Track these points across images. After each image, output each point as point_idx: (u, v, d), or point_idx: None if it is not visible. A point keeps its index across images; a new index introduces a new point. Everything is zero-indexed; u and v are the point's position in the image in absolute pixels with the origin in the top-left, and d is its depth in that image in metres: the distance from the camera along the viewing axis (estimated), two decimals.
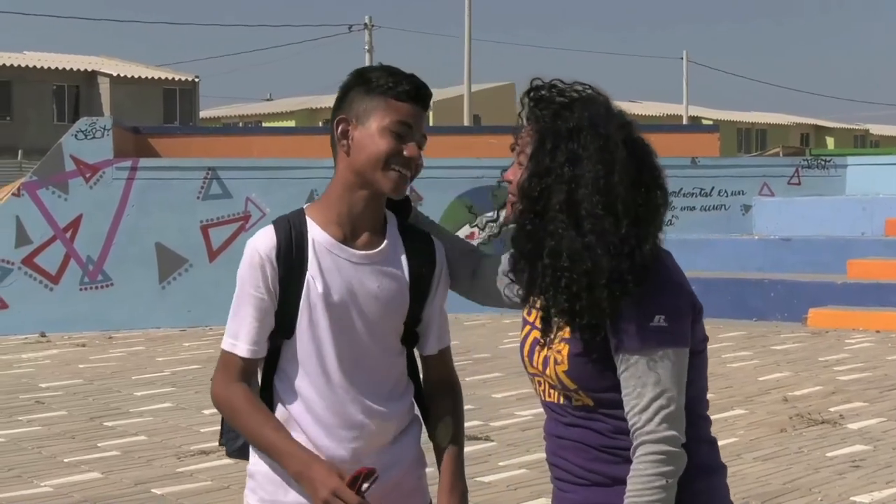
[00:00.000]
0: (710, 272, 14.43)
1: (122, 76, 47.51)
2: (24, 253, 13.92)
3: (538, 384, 2.69)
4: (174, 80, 49.48)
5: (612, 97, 2.63)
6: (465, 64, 35.26)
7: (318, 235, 2.70)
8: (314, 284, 2.67)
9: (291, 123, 52.90)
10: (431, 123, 51.06)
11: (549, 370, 2.61)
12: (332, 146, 2.73)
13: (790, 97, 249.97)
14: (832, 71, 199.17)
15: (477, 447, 7.58)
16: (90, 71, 47.85)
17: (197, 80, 50.19)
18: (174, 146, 16.12)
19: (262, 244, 2.68)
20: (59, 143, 14.40)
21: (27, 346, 12.90)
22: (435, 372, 2.87)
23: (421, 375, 2.89)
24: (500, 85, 57.60)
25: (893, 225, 15.89)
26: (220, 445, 2.90)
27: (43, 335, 13.54)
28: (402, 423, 2.79)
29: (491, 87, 55.87)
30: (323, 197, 2.75)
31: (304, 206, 2.78)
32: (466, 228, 14.72)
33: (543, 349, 2.63)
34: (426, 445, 2.85)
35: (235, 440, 2.79)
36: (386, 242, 2.74)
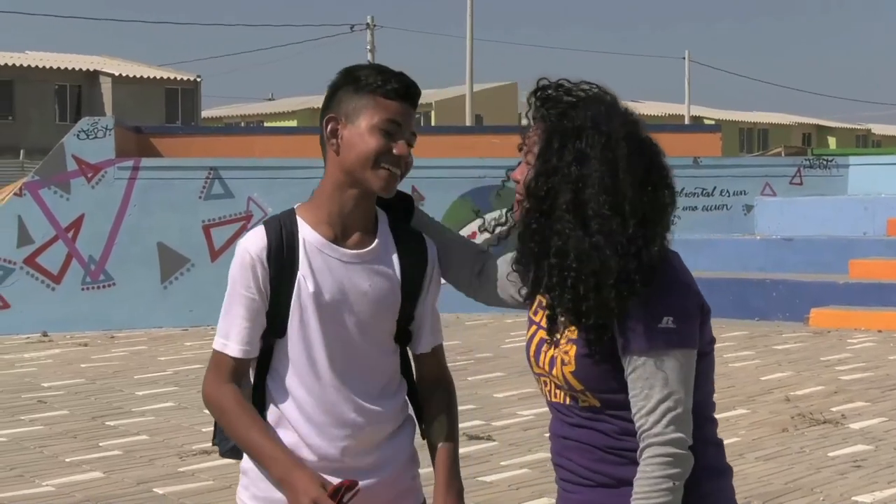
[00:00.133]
0: (712, 272, 14.42)
1: (123, 76, 47.53)
2: (25, 253, 13.92)
3: (544, 384, 2.68)
4: (176, 79, 49.49)
5: (619, 96, 2.62)
6: (466, 63, 35.24)
7: (308, 235, 2.70)
8: (305, 284, 2.67)
9: (293, 123, 52.89)
10: (433, 123, 51.15)
11: (555, 370, 2.60)
12: (321, 145, 2.73)
13: (792, 97, 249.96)
14: (834, 71, 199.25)
15: (478, 447, 7.58)
16: (92, 71, 47.87)
17: (199, 79, 50.20)
18: (176, 146, 16.12)
19: (252, 245, 2.68)
20: (60, 142, 14.40)
21: (29, 345, 12.91)
22: (428, 370, 2.87)
23: (414, 374, 2.89)
24: (501, 84, 57.63)
25: (895, 225, 15.89)
26: (213, 445, 2.90)
27: (45, 335, 13.55)
28: (395, 421, 2.78)
29: (493, 86, 55.88)
30: (313, 196, 2.75)
31: (294, 205, 2.78)
32: (468, 228, 14.71)
33: (550, 349, 2.62)
34: (420, 444, 2.85)
35: (228, 440, 2.80)
36: (377, 241, 2.74)
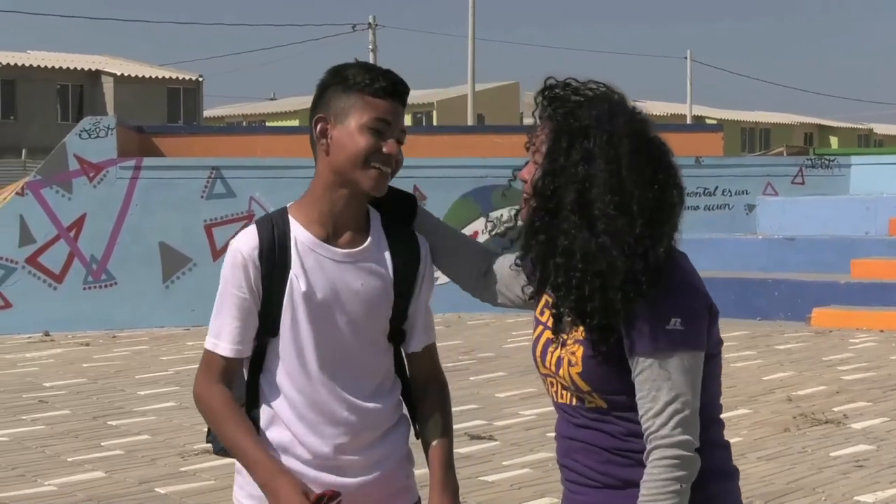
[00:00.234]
0: (713, 272, 14.40)
1: (125, 75, 47.54)
2: (27, 252, 13.92)
3: (550, 385, 2.67)
4: (178, 79, 49.50)
5: (627, 95, 2.61)
6: (468, 63, 35.26)
7: (300, 234, 2.70)
8: (297, 283, 2.67)
9: (295, 123, 52.89)
10: (435, 123, 51.16)
11: (562, 371, 2.59)
12: (311, 145, 2.73)
13: (794, 97, 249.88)
14: (836, 70, 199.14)
15: (480, 446, 7.58)
16: (94, 70, 47.87)
17: (201, 79, 50.20)
18: (178, 145, 16.12)
19: (244, 244, 2.69)
20: (62, 142, 14.40)
21: (31, 345, 12.91)
22: (421, 369, 2.87)
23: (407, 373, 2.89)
24: (503, 84, 57.59)
25: None
26: (207, 443, 2.91)
27: (47, 334, 13.55)
28: (389, 420, 2.78)
29: (494, 86, 55.83)
30: (305, 196, 2.75)
31: (287, 205, 2.78)
32: (470, 228, 14.71)
33: (556, 349, 2.61)
34: (414, 444, 2.84)
35: None
36: (369, 240, 2.75)
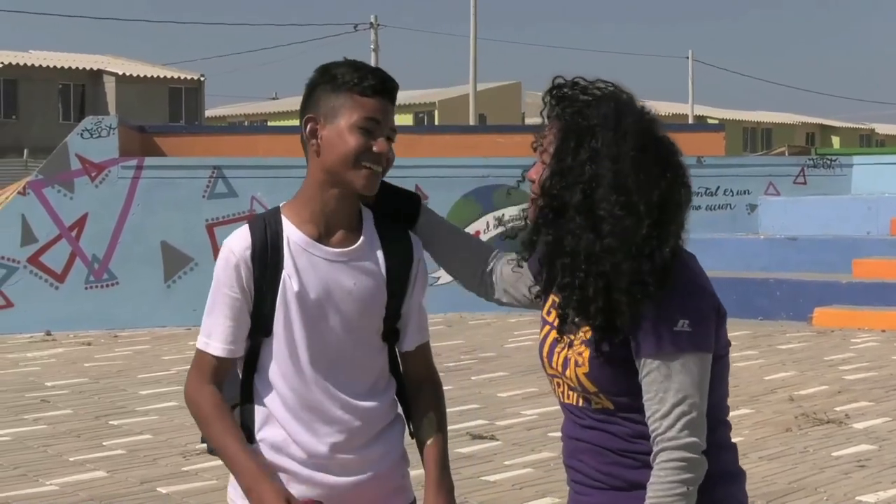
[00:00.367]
0: (715, 271, 14.35)
1: (127, 75, 47.54)
2: (29, 252, 13.93)
3: (557, 385, 2.66)
4: (180, 79, 49.50)
5: (635, 94, 2.60)
6: (470, 63, 35.26)
7: (293, 234, 2.70)
8: (290, 283, 2.68)
9: (297, 123, 52.55)
10: (437, 122, 51.15)
11: (568, 372, 2.58)
12: (302, 145, 2.74)
13: (796, 96, 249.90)
14: (838, 70, 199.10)
15: (482, 446, 7.58)
16: (96, 70, 47.88)
17: (202, 78, 50.21)
18: (180, 145, 16.13)
19: (236, 244, 2.70)
20: (64, 141, 14.40)
21: (33, 344, 12.92)
22: (414, 368, 2.86)
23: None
24: (505, 84, 57.58)
25: None
26: (201, 442, 2.91)
27: (48, 334, 13.56)
28: (384, 419, 2.78)
29: (496, 86, 55.84)
30: (297, 195, 2.76)
31: (279, 204, 2.78)
32: (472, 227, 14.72)
33: (564, 350, 2.60)
34: (408, 444, 2.84)
35: None
36: (362, 239, 2.74)
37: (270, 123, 54.69)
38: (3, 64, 45.27)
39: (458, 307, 14.21)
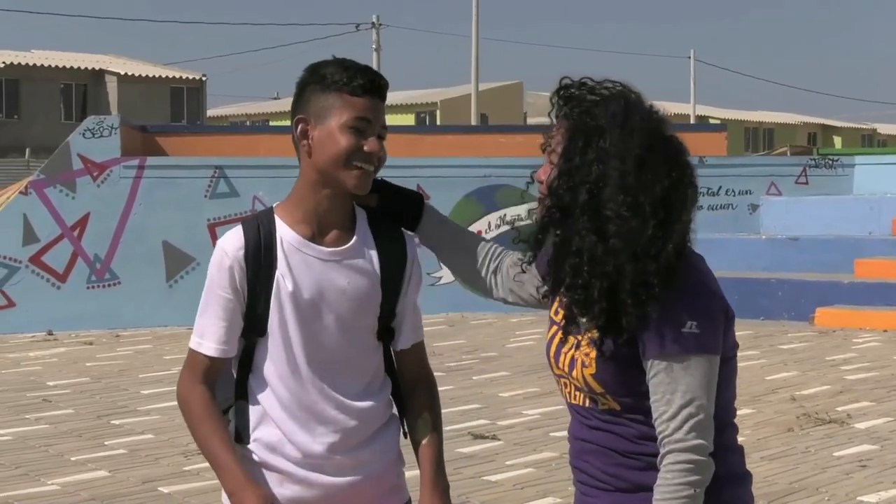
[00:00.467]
0: (717, 271, 14.21)
1: (129, 75, 47.57)
2: (31, 251, 13.93)
3: (564, 385, 2.66)
4: (181, 78, 49.52)
5: (643, 94, 2.59)
6: (472, 63, 35.27)
7: (286, 234, 2.71)
8: (283, 283, 2.68)
9: None
10: (439, 122, 51.12)
11: (575, 372, 2.57)
12: (294, 145, 2.74)
13: (798, 97, 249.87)
14: (840, 70, 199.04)
15: (484, 446, 7.58)
16: (97, 69, 47.90)
17: (204, 78, 50.23)
18: (181, 145, 16.13)
19: (230, 245, 2.70)
20: (66, 141, 14.40)
21: (34, 344, 12.92)
22: (408, 367, 2.86)
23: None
24: (507, 84, 57.57)
25: None
26: None
27: (50, 333, 13.56)
28: (379, 419, 2.78)
29: (498, 85, 55.84)
30: (290, 195, 2.76)
31: (273, 204, 2.78)
32: (474, 227, 14.71)
33: (570, 350, 2.59)
34: (404, 444, 2.84)
35: None
36: (355, 239, 2.75)
37: (272, 123, 54.67)
38: (4, 63, 45.31)
39: (459, 307, 14.21)
